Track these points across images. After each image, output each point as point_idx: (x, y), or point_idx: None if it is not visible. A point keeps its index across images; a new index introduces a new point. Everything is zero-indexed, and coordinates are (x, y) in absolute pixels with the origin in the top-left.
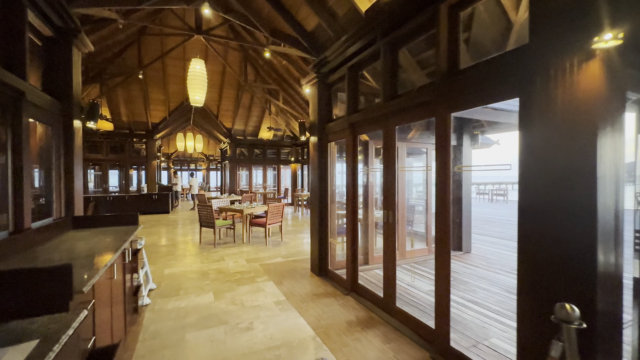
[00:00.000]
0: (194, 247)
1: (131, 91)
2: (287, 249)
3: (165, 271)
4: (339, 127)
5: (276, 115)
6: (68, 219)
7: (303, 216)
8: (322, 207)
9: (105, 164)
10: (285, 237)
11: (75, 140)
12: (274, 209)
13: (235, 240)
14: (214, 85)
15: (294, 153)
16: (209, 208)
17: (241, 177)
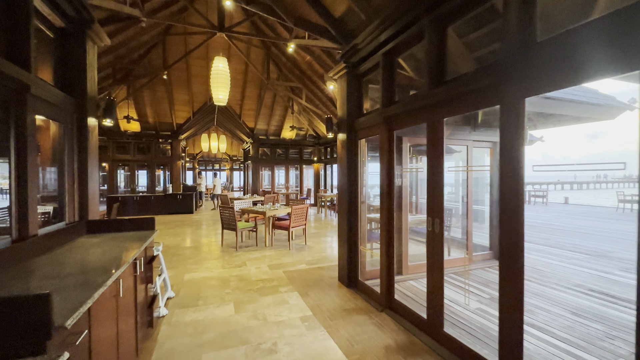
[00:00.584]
0: (215, 250)
1: (156, 92)
2: (311, 254)
3: (185, 277)
4: (371, 122)
5: (299, 114)
6: (82, 223)
7: (326, 218)
8: (352, 210)
9: (133, 164)
10: (309, 241)
11: (89, 139)
12: (298, 211)
13: (257, 244)
14: (237, 85)
15: (317, 153)
16: (230, 210)
17: (263, 178)
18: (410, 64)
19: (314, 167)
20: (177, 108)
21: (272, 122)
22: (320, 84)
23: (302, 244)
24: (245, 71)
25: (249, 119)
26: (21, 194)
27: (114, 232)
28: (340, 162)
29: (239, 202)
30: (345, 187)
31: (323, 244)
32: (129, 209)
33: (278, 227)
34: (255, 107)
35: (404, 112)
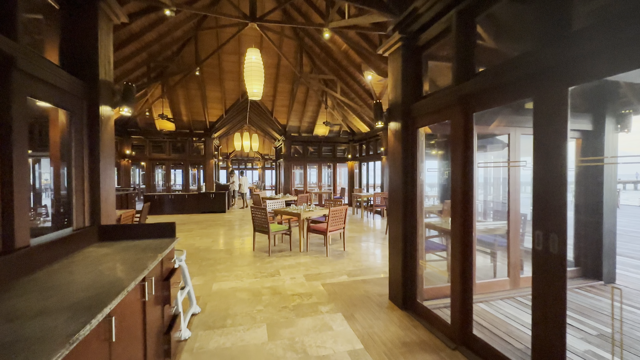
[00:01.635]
0: (247, 255)
1: (190, 90)
2: (352, 263)
3: (213, 286)
4: (435, 105)
5: (332, 109)
6: (93, 229)
7: (363, 219)
8: (408, 215)
9: (168, 163)
10: (347, 246)
11: (103, 131)
12: (336, 213)
13: (291, 248)
14: (269, 80)
15: (351, 150)
16: (262, 211)
17: (295, 176)
18: (489, 29)
19: (348, 165)
20: (209, 106)
21: (304, 118)
22: (357, 75)
23: (340, 250)
24: (277, 65)
25: (281, 116)
26: (5, 196)
27: (129, 239)
28: (392, 156)
29: (271, 203)
30: (399, 186)
31: (363, 250)
32: (164, 208)
33: (313, 231)
34: (287, 103)
35: (491, 87)
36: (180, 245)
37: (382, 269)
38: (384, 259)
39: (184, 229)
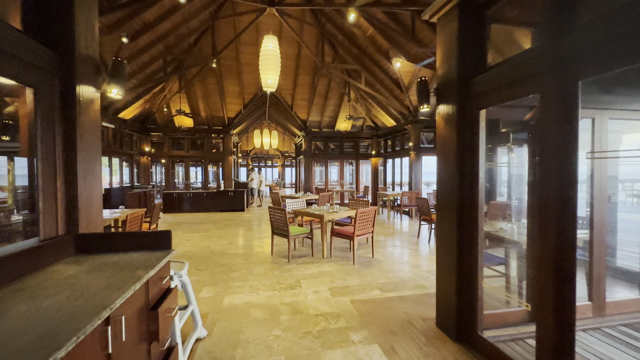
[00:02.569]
0: (264, 260)
1: (207, 84)
2: (383, 274)
3: (224, 300)
4: (513, 76)
5: (355, 102)
6: (68, 239)
7: (390, 221)
8: (465, 222)
9: (187, 160)
10: (376, 252)
11: (82, 116)
12: (364, 215)
13: (313, 253)
14: (288, 72)
15: (375, 145)
16: (281, 212)
17: (315, 174)
18: None
19: (371, 161)
20: (228, 101)
21: (325, 112)
22: (384, 63)
23: (368, 257)
24: (297, 56)
25: (302, 110)
26: None
27: (113, 252)
28: (442, 147)
29: (291, 202)
30: (452, 186)
31: (395, 258)
32: (183, 206)
33: (338, 234)
34: (307, 97)
35: (607, 42)
36: (195, 247)
37: (419, 282)
38: (420, 269)
39: (200, 228)
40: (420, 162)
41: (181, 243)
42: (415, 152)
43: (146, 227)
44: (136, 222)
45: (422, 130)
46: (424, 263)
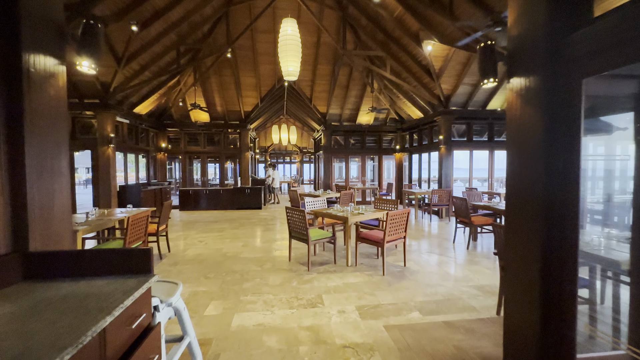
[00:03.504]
0: (281, 267)
1: (223, 76)
2: (420, 288)
3: (233, 320)
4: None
5: (379, 92)
6: (13, 259)
7: (418, 222)
8: (556, 230)
9: (204, 156)
10: (408, 260)
11: (34, 94)
12: (396, 219)
13: (335, 260)
14: (307, 62)
15: (399, 140)
16: (300, 213)
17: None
18: None
19: (395, 157)
20: (244, 94)
21: (346, 105)
22: (412, 48)
23: (400, 265)
24: (316, 44)
25: (321, 103)
26: None
27: (76, 277)
28: (519, 133)
29: (310, 202)
30: (536, 182)
31: (431, 268)
32: (199, 203)
33: (363, 239)
34: (327, 88)
35: None
36: (207, 249)
37: (466, 302)
38: (463, 283)
39: (215, 228)
40: (452, 157)
41: (193, 245)
42: (446, 145)
43: (154, 228)
44: (140, 224)
45: (454, 121)
46: (468, 275)
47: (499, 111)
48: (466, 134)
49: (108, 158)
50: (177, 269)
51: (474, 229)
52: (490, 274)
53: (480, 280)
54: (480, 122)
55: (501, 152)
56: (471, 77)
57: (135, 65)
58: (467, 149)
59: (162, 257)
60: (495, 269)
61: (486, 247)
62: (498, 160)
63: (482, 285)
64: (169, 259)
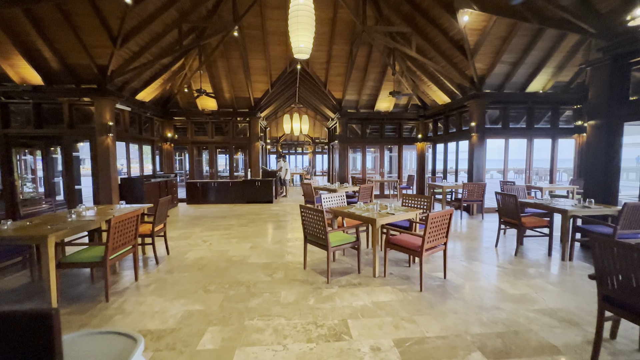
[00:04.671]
0: (294, 277)
1: (231, 59)
2: (472, 311)
3: (235, 357)
4: None
5: (401, 75)
6: None
7: None
8: None
9: (212, 146)
10: (449, 270)
11: None
12: (437, 221)
13: (360, 268)
14: (322, 41)
15: (421, 128)
16: (318, 216)
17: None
18: None
19: (417, 147)
20: (253, 79)
21: (364, 90)
22: (444, 21)
23: (438, 277)
24: (332, 21)
25: (336, 88)
26: None
27: None
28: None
29: (327, 197)
30: None
31: (479, 282)
32: (208, 196)
33: (394, 245)
34: (343, 71)
35: None
36: (210, 252)
37: (541, 336)
38: (527, 304)
39: (222, 225)
40: (484, 147)
41: (196, 246)
42: (478, 133)
43: (147, 229)
44: (128, 226)
45: (487, 106)
46: (529, 294)
47: (540, 94)
48: (501, 120)
49: (107, 148)
50: (172, 277)
51: (521, 231)
52: (558, 292)
53: (548, 302)
54: (518, 106)
55: (542, 141)
56: (511, 54)
57: (133, 46)
58: (501, 137)
59: (159, 261)
60: (565, 288)
61: (538, 254)
62: (538, 149)
63: (553, 310)
64: (166, 264)
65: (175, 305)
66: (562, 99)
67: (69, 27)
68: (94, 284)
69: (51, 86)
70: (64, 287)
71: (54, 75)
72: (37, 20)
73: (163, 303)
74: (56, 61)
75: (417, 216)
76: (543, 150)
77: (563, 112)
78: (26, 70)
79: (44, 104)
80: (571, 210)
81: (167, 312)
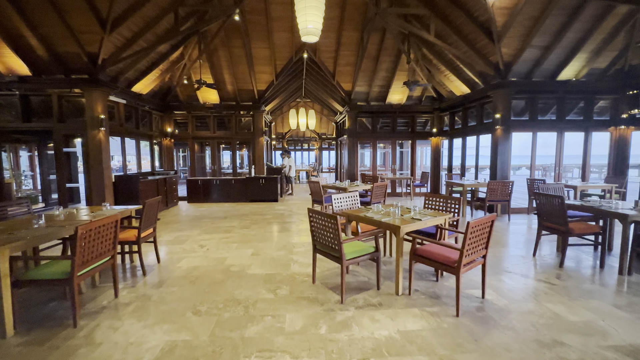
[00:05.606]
0: (302, 294)
1: (233, 48)
2: (529, 347)
3: None
4: None
5: (416, 63)
6: None
7: None
8: None
9: (214, 142)
10: (487, 286)
11: None
12: (478, 229)
13: (379, 284)
14: (331, 27)
15: (437, 121)
16: (331, 222)
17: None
18: None
19: (431, 141)
20: (257, 69)
21: (375, 80)
22: (468, 1)
23: (475, 296)
24: (342, 4)
25: (345, 79)
26: None
27: None
28: None
29: (338, 198)
30: None
31: (526, 303)
32: (210, 194)
33: (421, 258)
34: (354, 60)
35: None
36: (206, 260)
37: None
38: (601, 339)
39: (222, 226)
40: (510, 141)
41: (192, 252)
42: (503, 126)
43: (133, 235)
44: (103, 235)
45: (514, 96)
46: (594, 321)
47: (572, 82)
48: (528, 112)
49: (99, 143)
50: (159, 294)
51: (566, 239)
52: (631, 320)
53: (623, 334)
54: (547, 96)
55: (573, 135)
56: (543, 36)
57: (125, 32)
58: (528, 131)
59: (147, 272)
60: (638, 313)
61: (586, 265)
62: (569, 144)
63: (636, 348)
64: (154, 276)
65: (156, 334)
66: (597, 88)
67: (53, 11)
68: (66, 300)
69: (39, 77)
70: (29, 306)
71: (41, 64)
72: (19, 3)
73: (142, 330)
74: (43, 49)
75: (447, 221)
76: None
77: (597, 102)
78: (11, 60)
79: (32, 95)
80: (633, 215)
81: (145, 343)
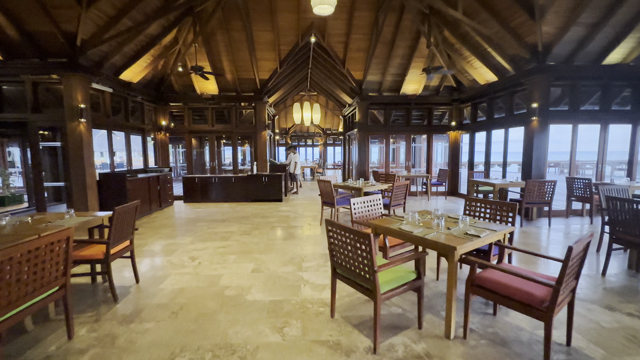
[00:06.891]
0: (317, 338)
1: (232, 32)
2: None
3: None
4: None
5: (436, 46)
6: None
7: None
8: None
9: (212, 136)
10: (564, 323)
11: None
12: (578, 253)
13: (420, 322)
14: (341, 9)
15: (456, 114)
16: (362, 241)
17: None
18: None
19: (449, 136)
20: (259, 56)
21: (389, 68)
22: None
23: (557, 343)
24: None
25: (356, 66)
26: None
27: None
28: None
29: (359, 204)
30: None
31: (631, 356)
32: (209, 194)
33: (484, 291)
34: (366, 46)
35: None
36: (196, 278)
37: None
38: None
39: (219, 232)
40: (547, 134)
41: (180, 266)
42: (540, 117)
43: (100, 251)
44: (42, 262)
45: (553, 82)
46: None
47: (621, 66)
48: (568, 101)
49: (80, 136)
50: (128, 333)
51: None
52: None
53: None
54: (590, 83)
55: (620, 127)
56: (592, 12)
57: (106, 8)
58: (568, 123)
59: (118, 298)
60: None
61: None
62: (614, 138)
63: None
64: (128, 303)
65: None
66: None
67: None
68: (10, 342)
69: (12, 60)
70: None
71: (13, 46)
72: None
73: None
74: (12, 28)
75: (506, 236)
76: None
77: None
78: None
79: (3, 82)
80: None
81: None
